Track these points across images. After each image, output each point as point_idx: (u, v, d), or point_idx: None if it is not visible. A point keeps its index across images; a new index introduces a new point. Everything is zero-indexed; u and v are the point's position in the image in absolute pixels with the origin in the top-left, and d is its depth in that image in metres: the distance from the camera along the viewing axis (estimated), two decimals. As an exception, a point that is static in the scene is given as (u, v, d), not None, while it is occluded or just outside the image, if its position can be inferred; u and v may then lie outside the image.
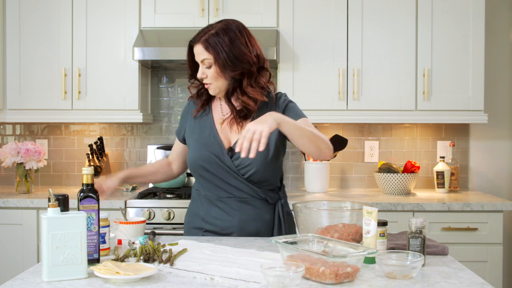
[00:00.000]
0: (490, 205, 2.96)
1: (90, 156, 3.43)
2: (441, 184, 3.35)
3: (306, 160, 3.42)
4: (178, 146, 2.22)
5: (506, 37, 3.61)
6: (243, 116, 2.03)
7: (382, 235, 1.69)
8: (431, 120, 3.29)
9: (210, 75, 1.99)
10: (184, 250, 1.74)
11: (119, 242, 1.90)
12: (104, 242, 1.73)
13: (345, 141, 3.41)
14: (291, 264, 1.43)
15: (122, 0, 3.29)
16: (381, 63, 3.26)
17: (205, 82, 2.02)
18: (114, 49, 3.30)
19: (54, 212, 1.49)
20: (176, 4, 3.29)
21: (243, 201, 2.04)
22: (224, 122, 2.06)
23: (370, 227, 1.67)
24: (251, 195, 2.04)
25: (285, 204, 2.13)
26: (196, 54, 2.00)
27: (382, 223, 1.70)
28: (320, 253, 1.54)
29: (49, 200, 1.51)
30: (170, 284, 1.44)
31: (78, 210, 1.60)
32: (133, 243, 1.79)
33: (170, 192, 3.13)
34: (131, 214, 2.99)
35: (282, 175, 2.15)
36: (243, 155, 1.71)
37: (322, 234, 1.75)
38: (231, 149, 2.02)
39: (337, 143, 3.41)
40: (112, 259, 1.62)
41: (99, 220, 1.64)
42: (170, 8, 3.29)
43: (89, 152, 3.44)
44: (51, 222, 1.47)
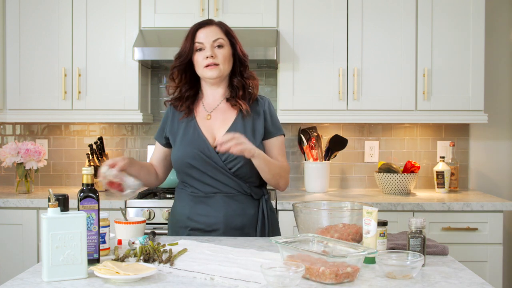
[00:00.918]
0: (490, 205, 2.96)
1: (90, 156, 3.43)
2: (441, 184, 3.35)
3: (306, 160, 3.42)
4: (159, 151, 2.23)
5: (506, 37, 3.61)
6: (239, 96, 2.11)
7: (382, 235, 1.69)
8: (431, 120, 3.29)
9: (221, 56, 2.07)
10: (184, 250, 1.74)
11: (119, 242, 1.90)
12: (104, 242, 1.73)
13: (345, 141, 3.41)
14: (291, 264, 1.43)
15: (122, 0, 3.29)
16: (381, 63, 3.26)
17: (213, 62, 2.05)
18: (114, 49, 3.30)
19: (54, 212, 1.49)
20: (176, 4, 3.29)
21: (229, 196, 2.07)
22: (212, 112, 2.12)
23: (370, 227, 1.67)
24: (237, 190, 2.07)
25: (268, 200, 2.17)
26: (209, 35, 2.07)
27: (382, 223, 1.70)
28: (320, 253, 1.54)
29: (49, 200, 1.51)
30: (170, 284, 1.44)
31: (78, 210, 1.60)
32: (133, 243, 1.79)
33: (170, 192, 3.13)
34: (131, 214, 2.99)
35: None
36: (218, 148, 1.90)
37: (322, 234, 1.75)
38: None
39: (337, 143, 3.41)
40: (112, 259, 1.62)
41: (99, 220, 1.64)
42: (170, 8, 3.29)
43: (89, 152, 3.43)
44: (51, 222, 1.47)
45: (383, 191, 3.33)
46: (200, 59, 2.07)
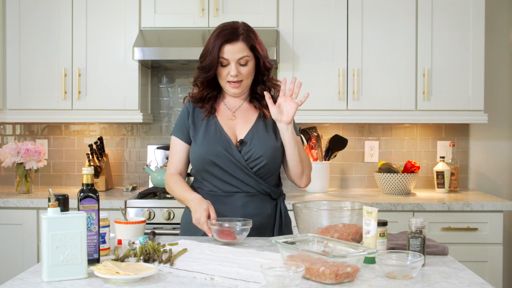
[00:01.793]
0: (490, 205, 2.96)
1: (90, 156, 3.43)
2: (441, 184, 3.35)
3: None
4: (182, 150, 2.13)
5: (506, 37, 3.61)
6: (263, 104, 2.11)
7: (382, 235, 1.69)
8: (431, 120, 3.30)
9: (245, 73, 2.05)
10: (184, 250, 1.74)
11: (119, 242, 1.90)
12: (104, 242, 1.73)
13: (345, 141, 3.41)
14: (291, 264, 1.43)
15: (122, 0, 3.29)
16: (381, 63, 3.26)
17: (237, 79, 2.04)
18: (114, 49, 3.30)
19: (54, 212, 1.49)
20: (176, 4, 3.29)
21: (249, 195, 2.07)
22: (235, 112, 2.12)
23: (370, 227, 1.67)
24: (256, 190, 2.07)
25: (284, 200, 2.19)
26: (235, 51, 2.02)
27: (382, 223, 1.70)
28: (320, 253, 1.54)
29: (49, 200, 1.51)
30: (170, 284, 1.44)
31: (78, 210, 1.60)
32: (133, 243, 1.79)
33: (170, 192, 3.13)
34: (131, 214, 2.99)
35: (279, 173, 2.19)
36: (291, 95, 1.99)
37: (322, 234, 1.75)
38: (242, 141, 2.06)
39: (337, 143, 3.41)
40: (112, 259, 1.62)
41: (99, 220, 1.64)
42: (170, 8, 3.29)
43: (89, 152, 3.43)
44: (51, 222, 1.47)
45: (383, 191, 3.33)
46: (224, 74, 2.05)
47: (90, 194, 1.61)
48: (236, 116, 2.13)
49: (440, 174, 3.35)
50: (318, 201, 2.04)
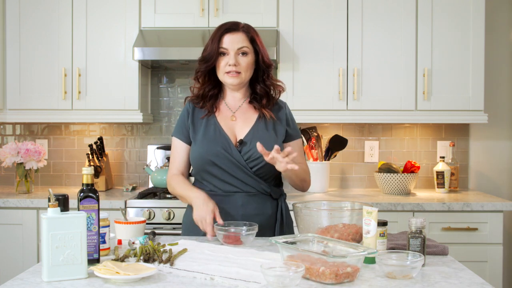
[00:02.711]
0: (490, 205, 2.96)
1: (90, 156, 3.43)
2: (441, 184, 3.35)
3: (306, 160, 3.42)
4: (183, 151, 2.14)
5: (506, 37, 3.61)
6: (263, 104, 2.12)
7: (382, 235, 1.69)
8: (431, 120, 3.29)
9: (244, 64, 2.06)
10: (184, 250, 1.74)
11: (119, 242, 1.90)
12: (104, 242, 1.73)
13: (345, 141, 3.41)
14: (291, 264, 1.43)
15: (122, 0, 3.29)
16: (381, 63, 3.26)
17: (235, 70, 2.05)
18: (114, 49, 3.30)
19: (54, 212, 1.49)
20: (176, 4, 3.29)
21: (249, 195, 2.07)
22: (235, 113, 2.13)
23: (370, 227, 1.67)
24: (256, 189, 2.08)
25: (285, 200, 2.19)
26: (234, 42, 2.05)
27: (382, 223, 1.70)
28: (320, 253, 1.54)
29: (49, 200, 1.51)
30: (170, 284, 1.44)
31: (78, 210, 1.60)
32: (133, 243, 1.79)
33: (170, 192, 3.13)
34: (131, 214, 2.99)
35: (280, 173, 2.18)
36: (289, 166, 1.87)
37: (322, 234, 1.75)
38: (241, 141, 2.07)
39: (337, 143, 3.41)
40: (112, 259, 1.62)
41: (99, 220, 1.64)
42: (170, 8, 3.29)
43: (89, 152, 3.43)
44: (51, 222, 1.47)
45: (383, 191, 3.33)
46: (222, 64, 2.07)
47: (90, 194, 1.61)
48: (236, 116, 2.14)
49: (440, 174, 3.35)
50: (318, 201, 2.05)
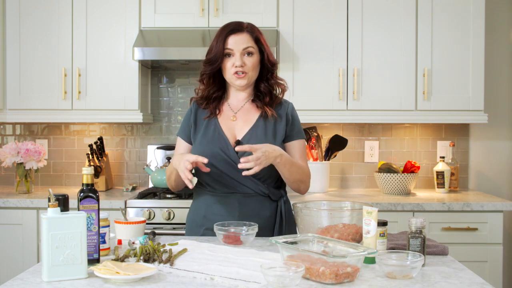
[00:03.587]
0: (490, 205, 2.96)
1: (90, 156, 3.43)
2: (441, 184, 3.35)
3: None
4: (185, 151, 2.15)
5: (506, 37, 3.61)
6: (266, 102, 2.12)
7: (382, 235, 1.69)
8: (431, 120, 3.30)
9: (250, 64, 2.07)
10: (184, 250, 1.74)
11: (119, 242, 1.90)
12: (104, 242, 1.73)
13: (345, 141, 3.41)
14: (291, 264, 1.43)
15: (122, 0, 3.29)
16: (381, 63, 3.26)
17: (241, 70, 2.06)
18: (114, 49, 3.30)
19: (54, 212, 1.49)
20: (176, 4, 3.29)
21: (246, 196, 2.06)
22: (237, 113, 2.13)
23: (370, 227, 1.67)
24: (254, 191, 2.07)
25: (287, 201, 2.16)
26: (239, 42, 2.06)
27: (382, 223, 1.70)
28: (320, 253, 1.54)
29: (49, 200, 1.51)
30: (170, 284, 1.44)
31: (78, 210, 1.60)
32: (133, 243, 1.79)
33: (170, 192, 3.13)
34: (131, 214, 2.99)
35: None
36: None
37: (322, 234, 1.75)
38: (238, 142, 2.06)
39: (337, 143, 3.41)
40: (112, 259, 1.62)
41: (99, 220, 1.64)
42: (170, 8, 3.29)
43: (89, 152, 3.43)
44: (51, 222, 1.47)
45: (383, 191, 3.33)
46: (228, 66, 2.07)
47: (90, 194, 1.61)
48: (237, 116, 2.14)
49: (440, 174, 3.35)
50: (318, 201, 2.05)
